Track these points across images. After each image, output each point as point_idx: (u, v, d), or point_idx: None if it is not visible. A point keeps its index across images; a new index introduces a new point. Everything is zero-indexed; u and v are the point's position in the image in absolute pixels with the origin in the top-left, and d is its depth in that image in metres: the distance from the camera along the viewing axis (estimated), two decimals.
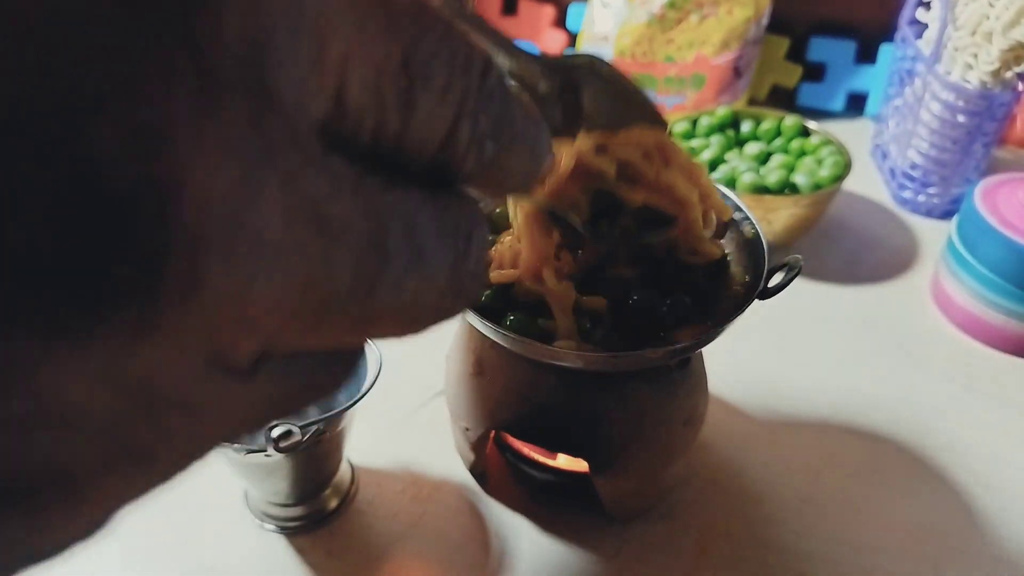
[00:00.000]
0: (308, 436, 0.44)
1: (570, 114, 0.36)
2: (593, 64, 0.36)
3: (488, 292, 0.42)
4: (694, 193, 0.39)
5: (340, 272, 0.13)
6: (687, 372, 0.47)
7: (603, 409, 0.44)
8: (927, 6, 0.79)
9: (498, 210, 0.49)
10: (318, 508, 0.51)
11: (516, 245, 0.42)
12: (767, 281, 0.42)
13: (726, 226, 0.48)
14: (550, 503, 0.52)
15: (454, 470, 0.54)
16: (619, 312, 0.43)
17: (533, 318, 0.41)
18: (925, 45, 0.76)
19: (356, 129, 0.13)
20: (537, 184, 0.21)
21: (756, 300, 0.41)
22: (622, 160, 0.37)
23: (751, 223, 0.46)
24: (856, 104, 0.97)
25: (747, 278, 0.45)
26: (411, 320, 0.15)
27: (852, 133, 0.91)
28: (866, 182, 0.85)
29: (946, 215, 0.79)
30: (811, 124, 0.76)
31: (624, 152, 0.37)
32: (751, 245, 0.46)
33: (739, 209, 0.47)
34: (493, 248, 0.44)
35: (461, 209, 0.16)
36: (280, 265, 0.12)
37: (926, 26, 0.78)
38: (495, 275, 0.42)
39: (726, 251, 0.47)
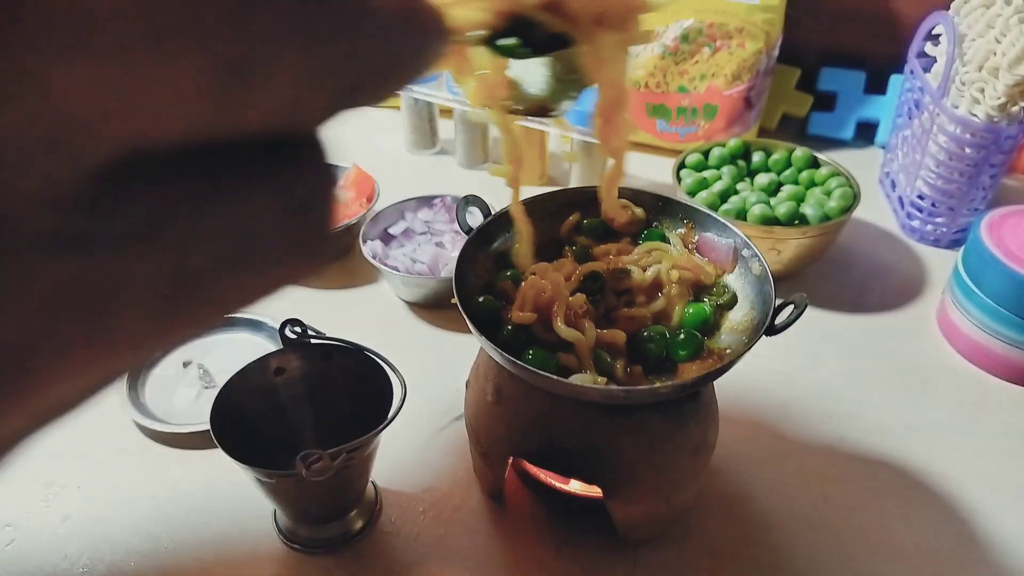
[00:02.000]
0: (337, 461, 0.47)
1: None
2: None
3: (509, 329, 0.44)
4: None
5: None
6: (698, 403, 0.49)
7: (616, 438, 0.46)
8: (935, 40, 0.81)
9: (516, 246, 0.52)
10: (344, 529, 0.53)
11: (538, 284, 0.45)
12: (774, 318, 0.44)
13: (736, 260, 0.50)
14: (566, 526, 0.54)
15: (473, 492, 0.56)
16: (634, 345, 0.46)
17: (552, 353, 0.43)
18: (933, 79, 0.78)
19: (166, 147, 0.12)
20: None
21: (764, 336, 0.43)
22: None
23: (759, 260, 0.48)
24: (866, 133, 0.99)
25: (755, 314, 0.47)
26: (264, 289, 0.15)
27: (862, 161, 0.94)
28: (875, 210, 0.87)
29: (953, 244, 0.81)
30: (820, 155, 0.78)
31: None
32: (759, 281, 0.48)
33: (748, 246, 0.50)
34: (521, 285, 0.47)
35: (299, 180, 0.15)
36: None
37: (934, 60, 0.80)
38: (516, 316, 0.44)
39: (734, 288, 0.50)
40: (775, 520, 0.54)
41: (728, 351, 0.46)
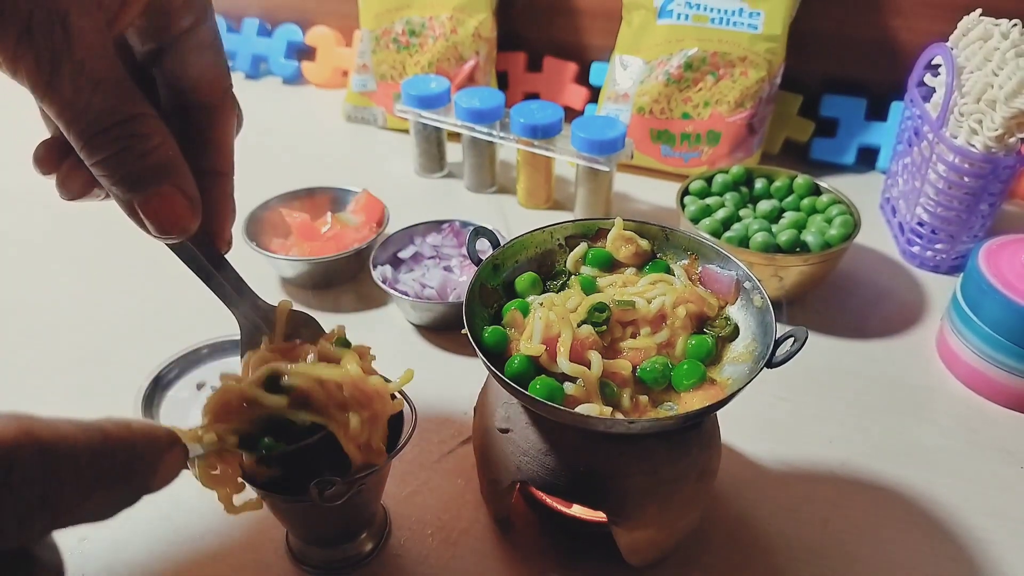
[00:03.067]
0: (352, 488, 0.48)
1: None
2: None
3: (517, 361, 0.46)
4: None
5: None
6: (700, 431, 0.50)
7: (621, 465, 0.47)
8: (935, 71, 0.83)
9: (524, 276, 0.53)
10: (355, 551, 0.55)
11: (547, 316, 0.46)
12: (774, 351, 0.45)
13: (738, 292, 0.52)
14: (571, 550, 0.55)
15: (480, 515, 0.57)
16: (639, 375, 0.47)
17: (558, 384, 0.45)
18: (932, 109, 0.80)
19: None
20: None
21: (765, 368, 0.45)
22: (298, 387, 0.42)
23: (760, 293, 0.50)
24: (867, 158, 1.00)
25: (756, 345, 0.49)
26: None
27: (863, 186, 0.95)
28: (875, 235, 0.88)
29: (953, 270, 0.82)
30: (822, 183, 0.80)
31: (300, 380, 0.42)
32: (761, 313, 0.49)
33: (749, 279, 0.51)
34: (529, 316, 0.48)
35: None
36: None
37: (933, 90, 0.82)
38: (524, 348, 0.46)
39: (736, 319, 0.51)
40: (776, 544, 0.56)
41: (730, 381, 0.47)
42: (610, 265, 0.55)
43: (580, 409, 0.44)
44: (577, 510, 0.54)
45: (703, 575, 0.54)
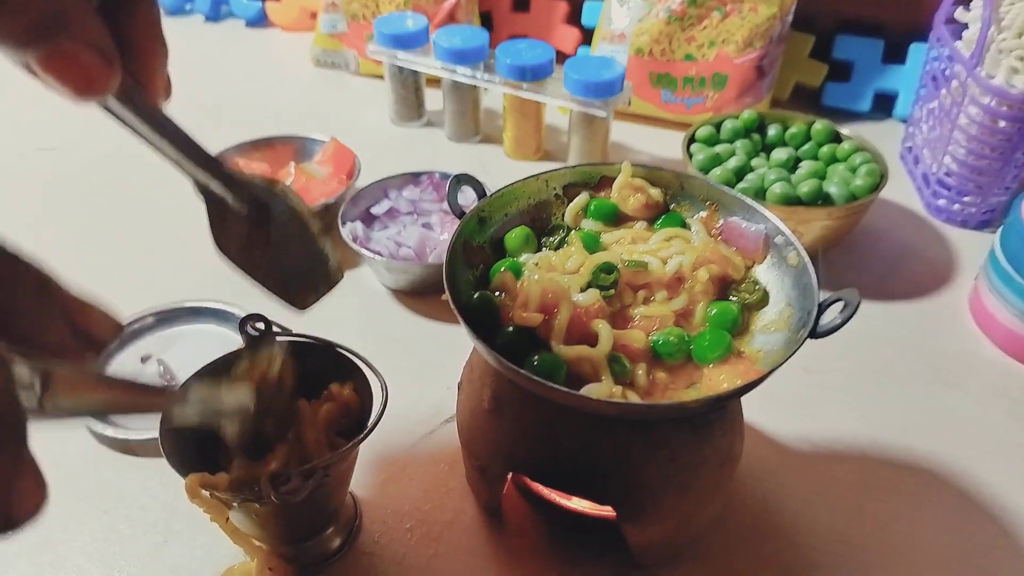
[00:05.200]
0: (311, 480, 0.40)
1: (258, 237, 0.35)
2: (280, 188, 0.35)
3: (509, 331, 0.38)
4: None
5: None
6: (724, 411, 0.43)
7: (634, 454, 0.40)
8: (967, 5, 0.74)
9: (515, 232, 0.45)
10: (320, 549, 0.47)
11: (544, 280, 0.39)
12: (818, 318, 0.38)
13: (767, 249, 0.44)
14: (571, 545, 0.48)
15: (466, 506, 0.50)
16: (654, 350, 0.40)
17: (560, 360, 0.37)
18: (965, 46, 0.72)
19: None
20: None
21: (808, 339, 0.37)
22: None
23: (796, 250, 0.42)
24: (883, 105, 0.92)
25: (792, 311, 0.41)
26: None
27: (879, 135, 0.87)
28: (896, 188, 0.81)
29: (983, 225, 0.75)
30: (843, 129, 0.72)
31: None
32: (797, 274, 0.42)
33: (781, 233, 0.43)
34: (520, 283, 0.41)
35: None
36: None
37: (965, 26, 0.74)
38: (519, 317, 0.38)
39: (765, 281, 0.43)
40: (803, 533, 0.49)
41: (761, 353, 0.40)
42: (616, 219, 0.47)
43: (587, 390, 0.36)
44: (579, 503, 0.47)
45: (721, 571, 0.47)
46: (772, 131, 0.73)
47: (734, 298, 0.43)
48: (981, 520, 0.50)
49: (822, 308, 0.38)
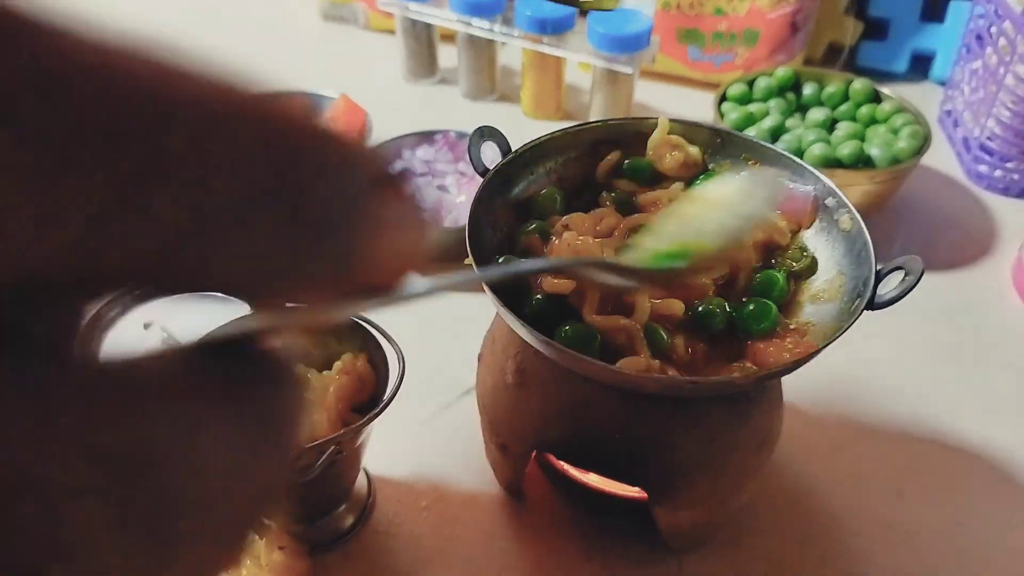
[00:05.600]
0: (324, 457, 0.38)
1: None
2: None
3: (538, 298, 0.35)
4: None
5: None
6: (764, 388, 0.40)
7: (668, 433, 0.37)
8: None
9: (543, 192, 0.42)
10: (332, 527, 0.45)
11: (574, 242, 0.35)
12: (876, 288, 0.34)
13: (816, 213, 0.41)
14: (598, 527, 0.45)
15: (486, 484, 0.47)
16: (695, 320, 0.36)
17: (593, 330, 0.34)
18: (1016, 1, 0.67)
19: None
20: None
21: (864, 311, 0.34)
22: None
23: (849, 213, 0.39)
24: (920, 66, 0.88)
25: (845, 280, 0.38)
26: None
27: (917, 97, 0.82)
28: (934, 153, 0.76)
29: None
30: (883, 89, 0.68)
31: None
32: (850, 240, 0.38)
33: (833, 194, 0.40)
34: (548, 247, 0.37)
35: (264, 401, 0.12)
36: None
37: None
38: (548, 284, 0.35)
39: (813, 247, 0.40)
40: (843, 517, 0.46)
41: (812, 325, 0.37)
42: (652, 178, 0.43)
43: (624, 364, 0.33)
44: (606, 483, 0.44)
45: (755, 556, 0.44)
46: (808, 90, 0.69)
47: (779, 266, 0.39)
48: None
49: (879, 276, 0.35)
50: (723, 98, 0.68)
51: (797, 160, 0.41)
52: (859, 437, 0.51)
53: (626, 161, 0.43)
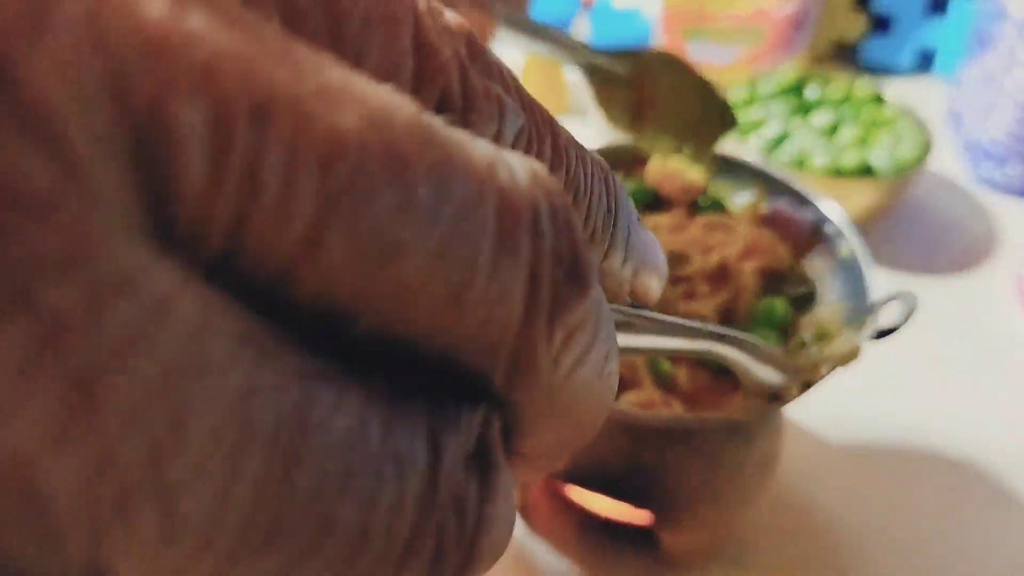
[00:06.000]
0: None
1: (643, 105, 0.38)
2: (667, 57, 0.37)
3: None
4: None
5: None
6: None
7: (671, 458, 0.38)
8: None
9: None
10: None
11: None
12: (873, 319, 0.35)
13: (813, 242, 0.41)
14: (603, 544, 0.46)
15: None
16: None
17: None
18: (1016, 6, 0.67)
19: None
20: None
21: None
22: None
23: (847, 241, 0.39)
24: (923, 62, 0.87)
25: (845, 309, 0.38)
26: None
27: (920, 95, 0.83)
28: (939, 154, 0.76)
29: None
30: (884, 88, 0.68)
31: None
32: (847, 268, 0.39)
33: (831, 221, 0.40)
34: None
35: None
36: None
37: None
38: None
39: (812, 275, 0.40)
40: (846, 535, 0.47)
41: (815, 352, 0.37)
42: (653, 203, 0.43)
43: (626, 403, 0.34)
44: (609, 505, 0.45)
45: (757, 573, 0.45)
46: (811, 92, 0.69)
47: (785, 292, 0.40)
48: None
49: (875, 309, 0.35)
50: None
51: (798, 187, 0.41)
52: (860, 451, 0.51)
53: (630, 189, 0.43)
